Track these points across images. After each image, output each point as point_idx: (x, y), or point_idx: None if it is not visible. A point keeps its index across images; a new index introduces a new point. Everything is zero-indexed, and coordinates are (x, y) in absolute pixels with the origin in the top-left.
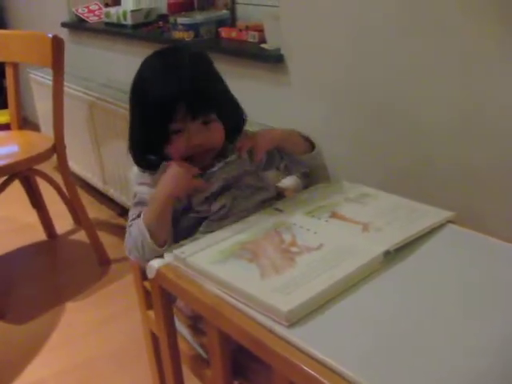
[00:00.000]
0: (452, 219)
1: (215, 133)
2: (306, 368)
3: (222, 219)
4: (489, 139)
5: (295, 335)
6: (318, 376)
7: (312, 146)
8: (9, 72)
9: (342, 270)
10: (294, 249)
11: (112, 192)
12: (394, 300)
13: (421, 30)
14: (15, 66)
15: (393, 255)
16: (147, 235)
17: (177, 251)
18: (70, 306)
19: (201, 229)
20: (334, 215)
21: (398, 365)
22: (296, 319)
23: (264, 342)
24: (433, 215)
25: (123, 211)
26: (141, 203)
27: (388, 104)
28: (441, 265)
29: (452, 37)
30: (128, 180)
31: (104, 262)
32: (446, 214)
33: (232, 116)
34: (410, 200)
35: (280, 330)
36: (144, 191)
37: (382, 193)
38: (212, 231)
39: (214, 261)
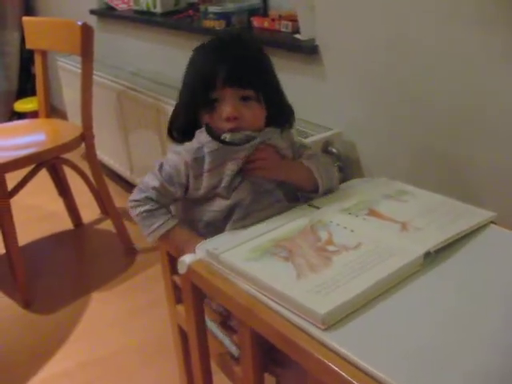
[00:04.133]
0: (494, 220)
1: (251, 111)
2: (341, 372)
3: None
4: None
5: (331, 338)
6: (354, 381)
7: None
8: (38, 59)
9: (380, 271)
10: (330, 247)
11: (139, 182)
12: (434, 303)
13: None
14: (44, 53)
15: (433, 256)
16: None
17: (210, 247)
18: (95, 296)
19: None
20: (371, 213)
21: (438, 372)
22: (333, 322)
23: (299, 344)
24: (474, 215)
25: None
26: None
27: (427, 100)
28: (482, 267)
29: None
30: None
31: (130, 252)
32: (488, 215)
33: (276, 104)
34: (450, 198)
35: (316, 332)
36: (172, 160)
37: (420, 190)
38: None
39: (248, 258)
